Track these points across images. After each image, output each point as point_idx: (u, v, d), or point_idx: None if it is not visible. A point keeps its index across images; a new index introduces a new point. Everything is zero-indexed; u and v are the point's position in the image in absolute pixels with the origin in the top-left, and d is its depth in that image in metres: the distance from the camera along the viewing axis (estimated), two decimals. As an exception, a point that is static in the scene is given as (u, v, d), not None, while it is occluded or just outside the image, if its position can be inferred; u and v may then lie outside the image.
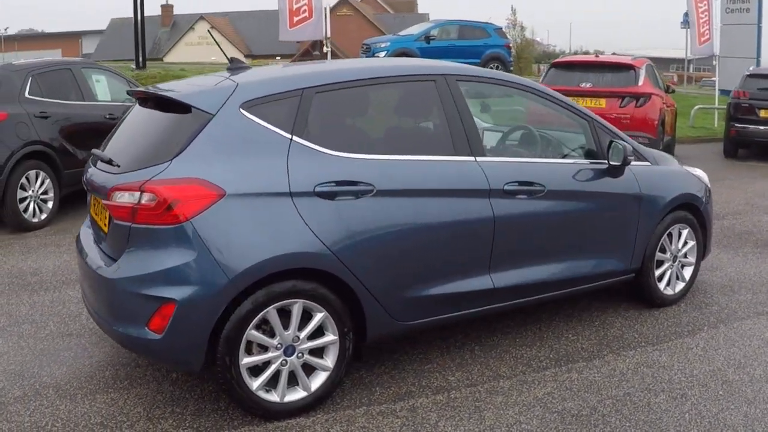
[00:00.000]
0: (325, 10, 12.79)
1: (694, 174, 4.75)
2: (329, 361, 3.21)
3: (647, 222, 4.28)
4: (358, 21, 44.36)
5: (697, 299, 4.69)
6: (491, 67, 16.63)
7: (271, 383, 3.11)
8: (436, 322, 3.60)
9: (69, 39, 48.55)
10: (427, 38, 18.62)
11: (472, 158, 3.55)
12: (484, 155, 3.62)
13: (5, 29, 50.81)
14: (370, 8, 52.85)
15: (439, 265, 3.46)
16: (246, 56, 38.47)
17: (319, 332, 3.17)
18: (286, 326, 3.07)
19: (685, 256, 4.67)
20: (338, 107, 3.34)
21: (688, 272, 4.72)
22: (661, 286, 4.54)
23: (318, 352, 3.20)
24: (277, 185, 3.01)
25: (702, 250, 4.76)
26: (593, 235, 4.08)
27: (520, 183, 3.67)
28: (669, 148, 9.78)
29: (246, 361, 3.01)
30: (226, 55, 3.55)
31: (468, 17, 21.22)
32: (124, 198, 2.95)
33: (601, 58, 10.20)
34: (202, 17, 42.56)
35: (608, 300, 4.59)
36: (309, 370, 3.19)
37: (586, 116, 4.13)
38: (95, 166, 3.38)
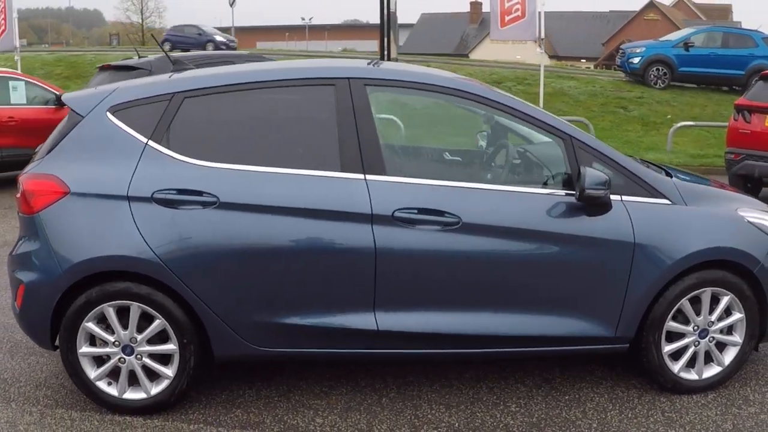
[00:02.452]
0: (539, 14, 12.18)
1: (753, 222, 3.49)
2: (171, 369, 3.18)
3: (647, 279, 3.26)
4: (665, 25, 41.51)
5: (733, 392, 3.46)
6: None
7: (114, 377, 3.22)
8: (308, 356, 3.30)
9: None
10: (686, 45, 16.42)
11: (360, 176, 3.15)
12: (381, 174, 3.17)
13: (309, 19, 58.03)
14: (681, 13, 48.58)
15: (301, 294, 3.14)
16: (550, 57, 38.16)
17: (164, 339, 3.17)
18: (127, 326, 3.15)
19: (726, 332, 3.49)
20: (207, 113, 3.23)
21: (729, 354, 3.51)
22: (676, 366, 3.45)
23: (161, 358, 3.20)
24: (117, 188, 3.07)
25: (757, 329, 3.49)
26: (549, 286, 3.25)
27: (422, 211, 3.13)
28: None
29: (84, 350, 3.15)
30: (167, 55, 3.70)
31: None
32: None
33: None
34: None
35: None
36: (155, 374, 3.22)
37: (561, 132, 3.30)
38: None
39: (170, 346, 3.16)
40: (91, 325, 3.13)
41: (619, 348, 3.42)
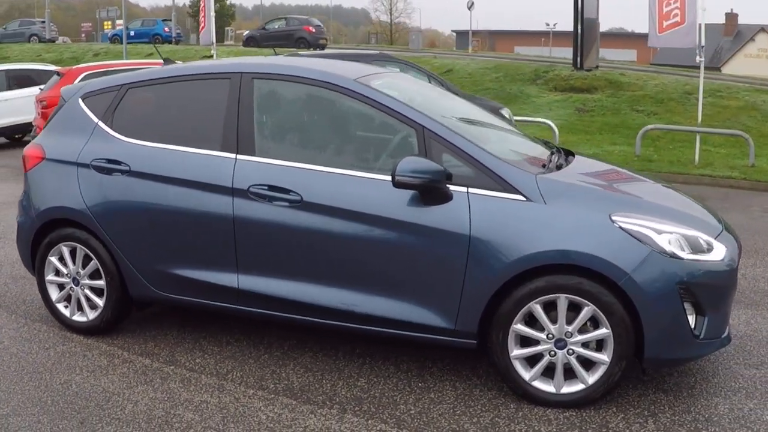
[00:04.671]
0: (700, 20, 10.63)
1: (626, 229, 3.11)
2: (102, 300, 4.01)
3: (484, 275, 3.18)
4: None
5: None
6: None
7: (68, 302, 4.15)
8: (195, 304, 3.86)
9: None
10: None
11: (232, 155, 3.62)
12: (251, 154, 3.60)
13: (554, 24, 55.81)
14: None
15: (184, 250, 3.73)
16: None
17: (100, 276, 4.01)
18: (77, 264, 4.05)
19: (596, 348, 3.20)
20: (139, 100, 3.97)
21: (597, 373, 3.19)
22: (528, 374, 3.25)
23: (98, 291, 4.03)
24: (71, 156, 3.98)
25: (629, 349, 3.12)
26: (386, 270, 3.35)
27: (272, 188, 3.49)
28: None
29: (50, 278, 4.13)
30: (161, 56, 4.54)
31: None
32: None
33: None
34: (762, 29, 37.75)
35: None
36: (92, 302, 4.08)
37: (415, 123, 3.36)
38: None
39: (100, 282, 4.00)
40: (53, 260, 4.12)
41: (466, 343, 3.35)
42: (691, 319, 3.18)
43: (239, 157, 3.61)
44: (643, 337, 3.11)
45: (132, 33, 32.29)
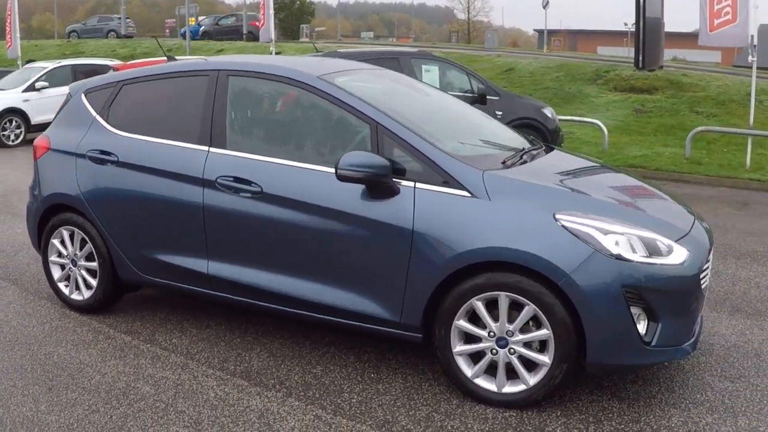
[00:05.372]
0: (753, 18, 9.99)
1: (570, 228, 3.07)
2: (95, 281, 4.30)
3: (426, 269, 3.23)
4: None
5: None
6: None
7: (68, 281, 4.47)
8: (174, 288, 4.08)
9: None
10: None
11: (205, 148, 3.81)
12: (222, 147, 3.77)
13: (631, 24, 53.36)
14: None
15: (164, 236, 3.95)
16: None
17: (92, 258, 4.30)
18: (75, 247, 4.36)
19: (538, 349, 3.19)
20: (131, 96, 4.21)
21: (538, 375, 3.17)
22: (470, 371, 3.27)
23: (93, 273, 4.32)
24: (71, 147, 4.28)
25: (570, 352, 3.08)
26: (337, 260, 3.46)
27: (237, 179, 3.65)
28: None
29: (53, 259, 4.47)
30: (165, 53, 4.80)
31: None
32: None
33: None
34: None
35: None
36: (88, 284, 4.38)
37: (369, 119, 3.44)
38: None
39: (94, 264, 4.29)
40: (55, 242, 4.45)
41: (412, 336, 3.40)
42: (642, 325, 3.11)
43: (212, 149, 3.80)
44: (585, 341, 3.07)
45: (203, 29, 33.57)
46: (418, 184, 3.29)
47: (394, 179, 3.31)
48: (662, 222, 3.33)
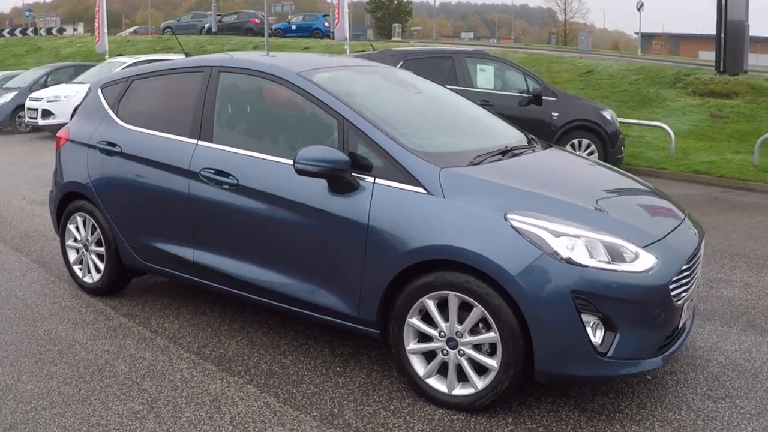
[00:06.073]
0: None
1: (518, 228, 2.97)
2: (103, 265, 4.58)
3: (379, 265, 3.23)
4: None
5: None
6: None
7: (80, 263, 4.78)
8: (168, 274, 4.27)
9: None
10: None
11: (194, 141, 3.97)
12: (209, 141, 3.92)
13: None
14: None
15: (158, 225, 4.15)
16: None
17: (101, 244, 4.58)
18: (87, 232, 4.66)
19: (489, 352, 3.11)
20: (139, 91, 4.45)
21: (487, 379, 3.10)
22: (422, 370, 3.24)
23: (102, 257, 4.61)
24: (85, 139, 4.58)
25: (517, 358, 2.99)
26: (297, 253, 3.52)
27: (217, 172, 3.78)
28: None
29: (69, 243, 4.80)
30: (184, 51, 5.02)
31: None
32: None
33: None
34: None
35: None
36: (97, 267, 4.66)
37: (337, 114, 3.47)
38: None
39: (102, 249, 4.57)
40: (71, 227, 4.77)
41: (370, 332, 3.41)
42: (598, 334, 2.97)
43: (200, 142, 3.96)
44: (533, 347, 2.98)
45: (293, 27, 34.50)
46: (378, 180, 3.30)
47: (356, 174, 3.33)
48: (630, 226, 3.17)
